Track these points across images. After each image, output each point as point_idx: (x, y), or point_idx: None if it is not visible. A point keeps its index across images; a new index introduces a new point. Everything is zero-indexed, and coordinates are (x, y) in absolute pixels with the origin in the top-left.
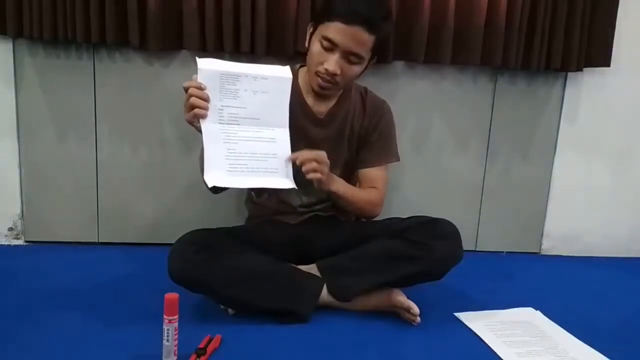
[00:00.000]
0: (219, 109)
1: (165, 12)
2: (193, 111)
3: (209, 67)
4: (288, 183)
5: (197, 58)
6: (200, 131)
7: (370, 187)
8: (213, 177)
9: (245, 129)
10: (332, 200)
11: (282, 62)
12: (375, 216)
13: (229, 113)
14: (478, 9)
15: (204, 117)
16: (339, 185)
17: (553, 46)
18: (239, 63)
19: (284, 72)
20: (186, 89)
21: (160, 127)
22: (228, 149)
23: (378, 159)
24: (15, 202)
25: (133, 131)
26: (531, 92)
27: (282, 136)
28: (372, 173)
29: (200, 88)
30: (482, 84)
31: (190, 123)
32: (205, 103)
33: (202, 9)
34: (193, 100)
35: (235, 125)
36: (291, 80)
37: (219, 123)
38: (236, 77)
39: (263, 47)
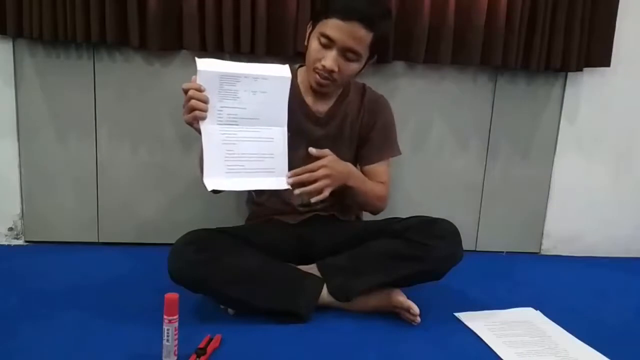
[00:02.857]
0: (218, 110)
1: (165, 12)
2: (193, 113)
3: (208, 69)
4: (283, 183)
5: (196, 59)
6: (199, 132)
7: (378, 182)
8: (212, 181)
9: (244, 129)
10: (346, 196)
11: (282, 62)
12: (381, 211)
13: (228, 114)
14: (478, 9)
15: (203, 118)
16: (354, 180)
17: (553, 46)
18: (238, 63)
19: (283, 71)
20: (185, 91)
21: (160, 127)
22: (227, 150)
23: (380, 155)
24: (15, 202)
25: (133, 131)
26: (531, 92)
27: (280, 135)
28: (376, 169)
29: (200, 90)
30: (482, 84)
31: (190, 124)
32: (204, 105)
33: (202, 9)
34: (193, 102)
35: (234, 126)
36: (290, 79)
37: (218, 124)
38: (236, 77)
39: (263, 47)
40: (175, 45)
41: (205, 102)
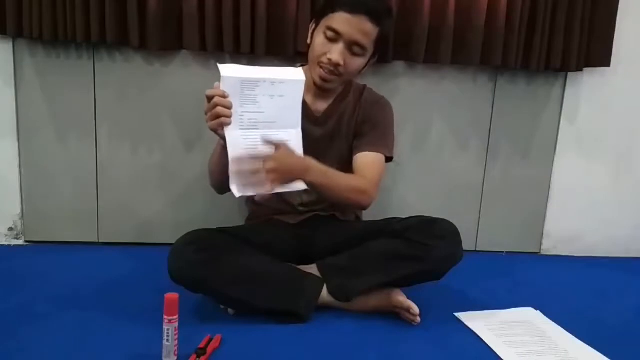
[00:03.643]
0: (240, 115)
1: (165, 12)
2: (219, 120)
3: (231, 75)
4: (301, 184)
5: (218, 65)
6: (222, 138)
7: (359, 175)
8: (239, 187)
9: (263, 133)
10: (313, 192)
11: (282, 62)
12: (366, 205)
13: (249, 118)
14: (478, 9)
15: (228, 124)
16: (314, 175)
17: (553, 46)
18: (255, 67)
19: (298, 74)
20: (209, 98)
21: (160, 127)
22: (249, 155)
23: (367, 145)
24: (15, 202)
25: (133, 131)
26: (531, 92)
27: (296, 137)
28: (362, 159)
29: (224, 96)
30: (482, 84)
31: (214, 131)
32: (230, 111)
33: (202, 9)
34: (219, 109)
35: (255, 130)
36: (305, 81)
37: (240, 129)
38: (255, 82)
39: (263, 47)
40: (175, 45)
41: (230, 108)
